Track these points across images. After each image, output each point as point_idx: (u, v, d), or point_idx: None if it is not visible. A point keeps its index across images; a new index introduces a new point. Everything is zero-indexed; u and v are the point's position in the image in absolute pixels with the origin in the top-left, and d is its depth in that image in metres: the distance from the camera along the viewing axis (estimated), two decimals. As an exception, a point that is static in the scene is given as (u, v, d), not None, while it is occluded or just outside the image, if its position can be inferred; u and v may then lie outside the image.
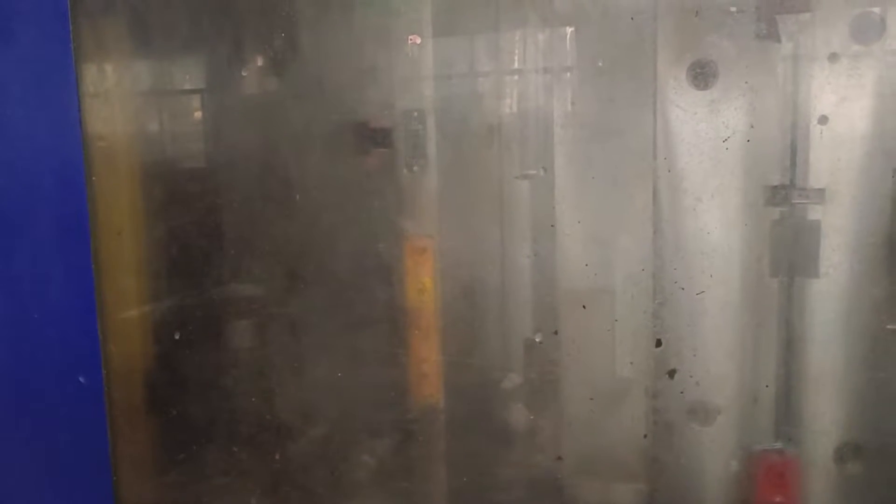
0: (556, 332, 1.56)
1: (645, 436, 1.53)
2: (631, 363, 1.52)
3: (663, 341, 1.50)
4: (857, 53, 1.36)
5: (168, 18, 1.68)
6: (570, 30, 1.50)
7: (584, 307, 1.54)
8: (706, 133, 1.44)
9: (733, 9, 1.39)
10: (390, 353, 1.64)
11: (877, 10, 1.35)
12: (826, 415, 1.47)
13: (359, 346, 1.66)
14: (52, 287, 1.70)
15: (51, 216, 1.69)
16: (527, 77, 1.53)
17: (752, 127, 1.41)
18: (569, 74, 1.52)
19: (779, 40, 1.39)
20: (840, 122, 1.38)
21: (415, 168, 1.60)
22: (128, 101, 1.74)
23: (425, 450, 1.67)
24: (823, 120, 1.39)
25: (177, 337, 1.73)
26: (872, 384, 1.44)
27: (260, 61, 1.65)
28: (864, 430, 1.46)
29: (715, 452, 1.52)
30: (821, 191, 1.41)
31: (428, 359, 1.63)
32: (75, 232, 1.67)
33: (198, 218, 1.72)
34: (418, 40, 1.55)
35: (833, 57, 1.37)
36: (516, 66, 1.54)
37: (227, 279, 1.71)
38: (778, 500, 1.49)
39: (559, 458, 1.59)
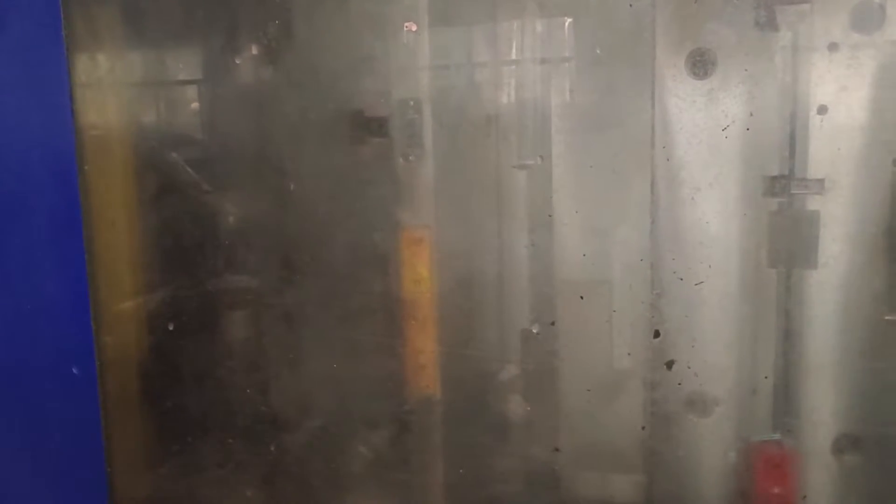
0: (553, 323, 1.55)
1: (643, 427, 1.53)
2: (629, 354, 1.52)
3: (661, 332, 1.49)
4: (857, 43, 1.36)
5: (161, 6, 1.67)
6: (567, 19, 1.49)
7: (581, 298, 1.53)
8: (705, 122, 1.43)
9: (734, -6, 1.38)
10: (386, 344, 1.64)
11: (877, -1, 1.35)
12: (824, 406, 1.46)
13: (355, 337, 1.66)
14: (45, 278, 1.69)
15: (43, 207, 1.68)
16: (524, 66, 1.52)
17: (751, 115, 1.40)
18: (567, 64, 1.50)
19: (777, 29, 1.38)
20: (840, 111, 1.38)
21: (411, 158, 1.59)
22: (120, 91, 1.73)
23: (422, 441, 1.67)
24: (823, 110, 1.38)
25: (171, 328, 1.72)
26: (871, 375, 1.44)
27: (254, 50, 1.63)
28: (863, 420, 1.46)
29: (713, 444, 1.51)
30: (820, 181, 1.40)
31: (424, 350, 1.62)
32: (68, 222, 1.66)
33: (192, 208, 1.71)
34: (414, 27, 1.53)
35: (833, 46, 1.36)
36: (514, 55, 1.52)
37: (222, 270, 1.70)
38: (776, 491, 1.48)
39: (556, 449, 1.58)
